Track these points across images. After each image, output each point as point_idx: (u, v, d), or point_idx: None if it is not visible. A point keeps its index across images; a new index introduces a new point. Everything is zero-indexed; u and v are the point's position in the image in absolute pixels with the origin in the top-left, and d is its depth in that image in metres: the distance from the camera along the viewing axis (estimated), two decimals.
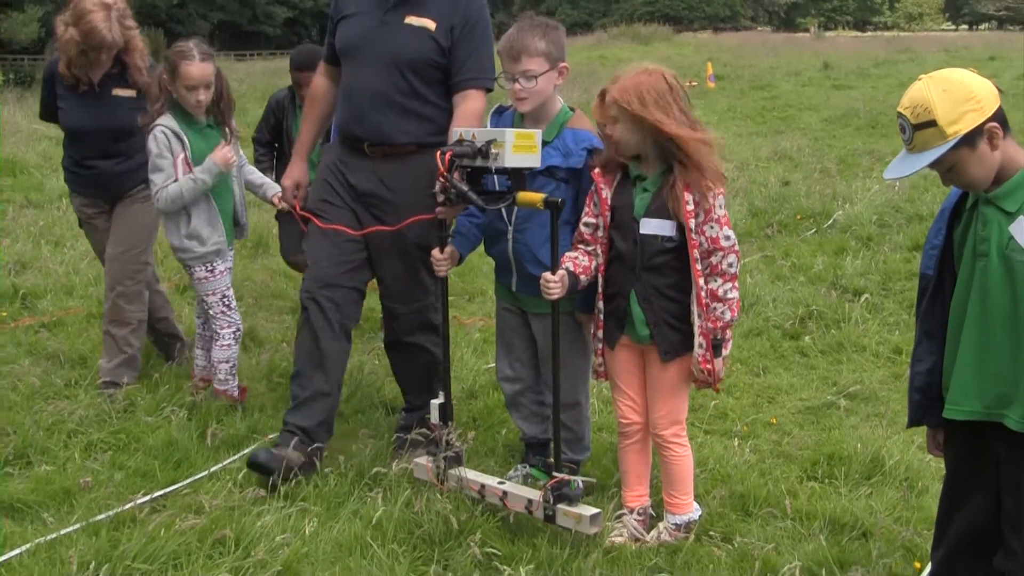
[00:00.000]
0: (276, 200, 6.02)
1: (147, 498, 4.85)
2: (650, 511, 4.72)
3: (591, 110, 4.74)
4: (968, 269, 3.49)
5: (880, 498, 4.89)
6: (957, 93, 3.29)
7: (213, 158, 5.81)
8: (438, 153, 4.49)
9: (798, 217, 11.18)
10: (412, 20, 5.10)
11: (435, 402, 4.92)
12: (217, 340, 6.08)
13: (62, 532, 4.50)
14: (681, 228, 4.31)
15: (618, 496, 4.78)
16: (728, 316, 4.36)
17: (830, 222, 10.90)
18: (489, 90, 5.19)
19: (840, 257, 9.49)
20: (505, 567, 4.14)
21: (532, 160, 4.47)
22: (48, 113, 6.47)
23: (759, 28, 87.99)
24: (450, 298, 5.29)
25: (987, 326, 3.43)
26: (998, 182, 3.39)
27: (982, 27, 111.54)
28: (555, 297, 4.37)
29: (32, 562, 4.26)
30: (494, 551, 4.29)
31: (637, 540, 4.53)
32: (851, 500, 4.86)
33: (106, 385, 6.25)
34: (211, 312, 6.08)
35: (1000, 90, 3.40)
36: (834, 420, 5.99)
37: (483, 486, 4.65)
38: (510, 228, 4.86)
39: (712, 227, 4.28)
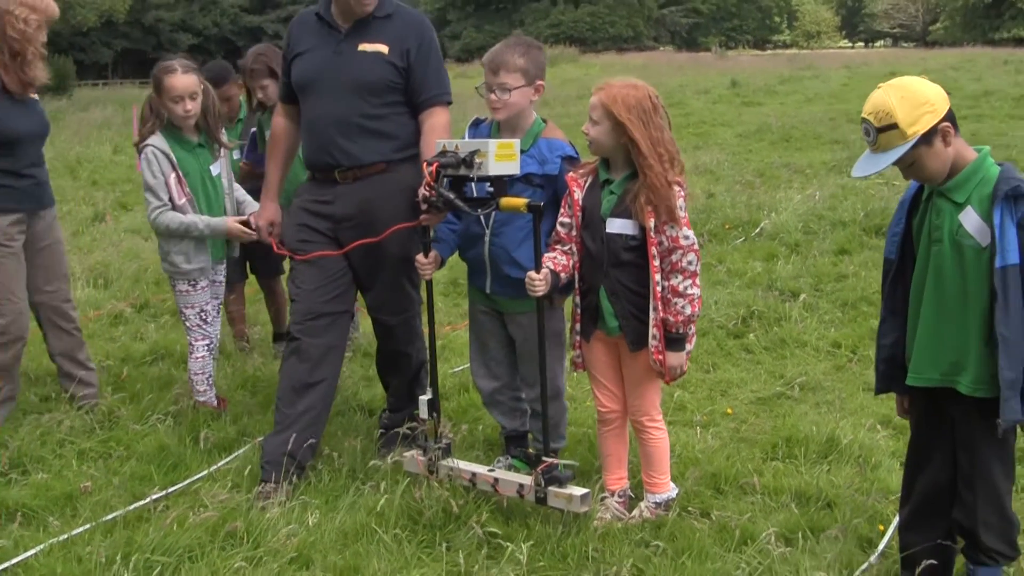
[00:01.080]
0: (252, 219, 6.10)
1: (161, 494, 5.12)
2: (629, 493, 5.06)
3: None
4: (925, 253, 3.95)
5: (839, 473, 5.28)
6: (913, 98, 3.74)
7: (231, 228, 6.03)
8: (424, 164, 4.84)
9: (726, 226, 11.61)
10: (365, 47, 5.33)
11: (423, 398, 5.20)
12: (191, 352, 6.26)
13: (75, 532, 4.73)
14: (643, 228, 4.64)
15: (598, 482, 5.09)
16: (689, 311, 4.67)
17: (758, 230, 11.33)
18: (449, 103, 5.48)
19: (772, 262, 9.93)
20: (508, 544, 4.44)
21: (512, 168, 4.78)
22: None
23: (662, 48, 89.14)
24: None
25: (942, 303, 3.91)
26: (950, 176, 3.84)
27: (878, 44, 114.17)
28: (540, 294, 4.67)
29: (48, 561, 4.46)
30: (494, 531, 4.58)
31: (620, 520, 4.85)
32: (812, 476, 5.24)
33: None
34: (187, 324, 6.24)
35: (948, 93, 3.85)
36: (786, 408, 6.37)
37: (474, 474, 4.94)
38: (487, 231, 5.16)
39: (672, 227, 4.62)
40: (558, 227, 4.93)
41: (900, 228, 4.07)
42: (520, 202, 4.72)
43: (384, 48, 5.32)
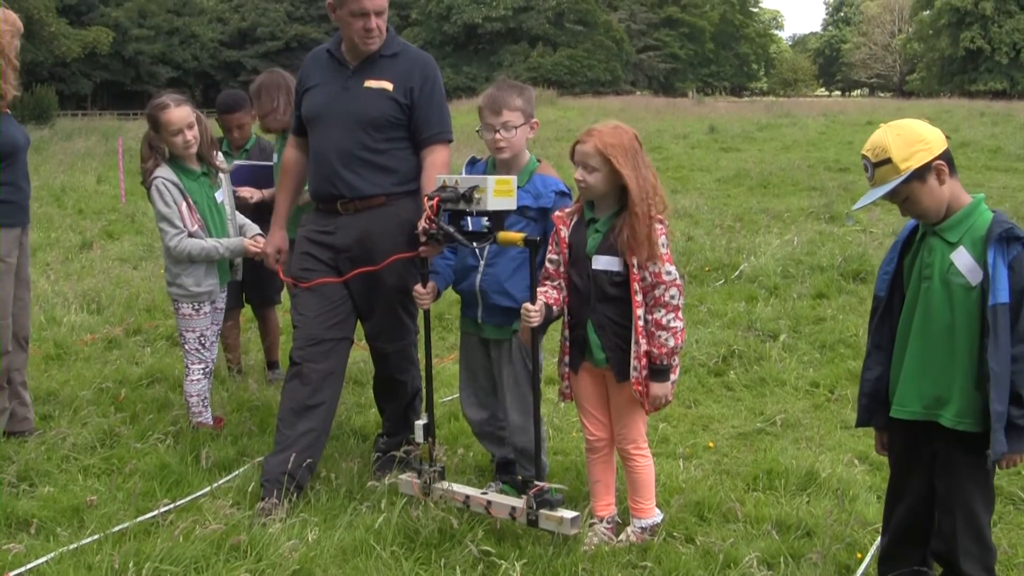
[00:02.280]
0: (256, 240, 6.39)
1: (170, 506, 5.31)
2: (617, 519, 5.26)
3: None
4: (914, 290, 4.18)
5: (818, 505, 5.49)
6: (908, 136, 4.04)
7: (248, 248, 6.32)
8: (425, 198, 5.09)
9: (706, 269, 11.86)
10: (371, 84, 5.56)
11: (419, 422, 5.42)
12: (187, 375, 6.46)
13: (84, 542, 4.91)
14: (627, 264, 4.87)
15: (586, 507, 5.29)
16: (672, 343, 4.89)
17: (737, 273, 11.58)
18: (450, 141, 5.73)
19: (752, 304, 10.18)
20: (502, 562, 4.64)
21: (509, 203, 5.02)
22: None
23: (639, 92, 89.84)
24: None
25: (928, 339, 4.13)
26: (945, 216, 4.09)
27: (855, 93, 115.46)
28: (535, 324, 4.90)
29: (60, 569, 4.65)
30: (488, 549, 4.78)
31: (608, 545, 5.05)
32: (792, 507, 5.46)
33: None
34: (186, 347, 6.44)
35: (948, 136, 4.15)
36: (766, 443, 6.59)
37: (468, 497, 5.15)
38: (481, 263, 5.40)
39: (654, 263, 4.84)
40: (547, 264, 5.14)
41: (892, 267, 4.30)
42: (517, 236, 4.96)
43: (389, 85, 5.55)
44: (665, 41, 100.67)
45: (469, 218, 5.16)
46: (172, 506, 5.35)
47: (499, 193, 4.95)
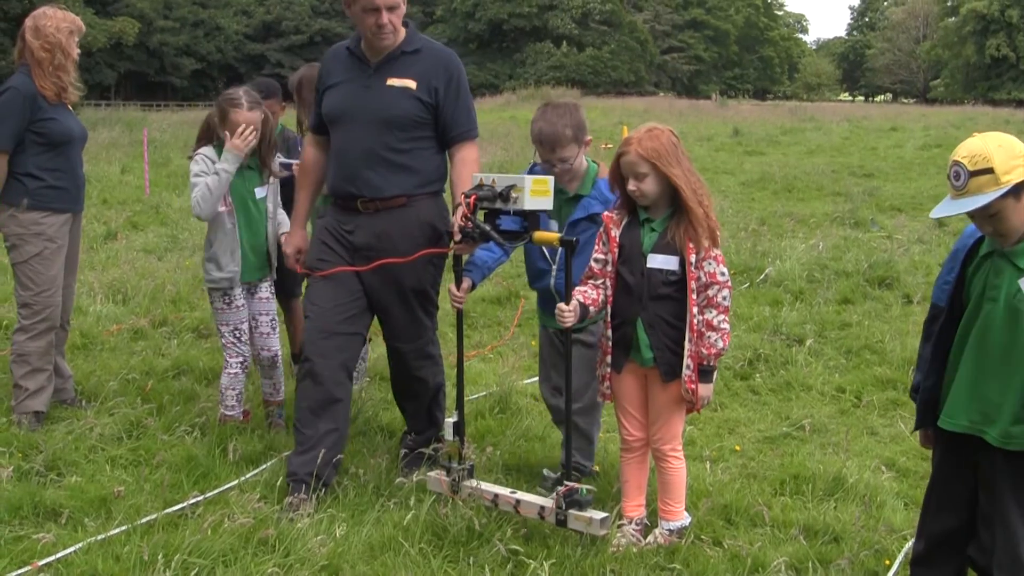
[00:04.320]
0: (283, 239, 6.31)
1: (200, 498, 5.35)
2: (646, 521, 5.25)
3: (608, 173, 5.18)
4: (975, 308, 4.06)
5: (845, 510, 5.46)
6: (1010, 149, 3.84)
7: (227, 146, 6.17)
8: (462, 196, 5.08)
9: (731, 272, 11.79)
10: (394, 82, 5.49)
11: (449, 420, 5.41)
12: (225, 368, 6.46)
13: (112, 532, 4.93)
14: (683, 263, 4.85)
15: (615, 508, 5.28)
16: (720, 344, 4.90)
17: (762, 277, 11.56)
18: (476, 137, 5.71)
19: (777, 308, 10.15)
20: (531, 561, 4.64)
21: (546, 203, 5.03)
22: (15, 142, 6.45)
23: (662, 94, 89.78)
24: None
25: (984, 358, 4.03)
26: (1019, 240, 3.91)
27: (878, 98, 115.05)
28: (569, 325, 4.91)
29: (88, 559, 4.67)
30: (516, 548, 4.78)
31: (635, 546, 5.04)
32: (820, 511, 5.43)
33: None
34: (222, 341, 6.46)
35: None
36: (792, 447, 6.57)
37: (496, 495, 5.14)
38: (553, 266, 5.53)
39: (710, 263, 4.87)
40: (592, 263, 5.12)
41: (952, 276, 4.17)
42: (553, 236, 4.99)
43: (412, 83, 5.49)
44: (689, 43, 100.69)
45: (501, 217, 5.15)
46: (201, 498, 5.37)
47: (536, 193, 4.95)
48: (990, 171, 3.79)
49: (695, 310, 4.87)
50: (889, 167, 24.98)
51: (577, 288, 5.05)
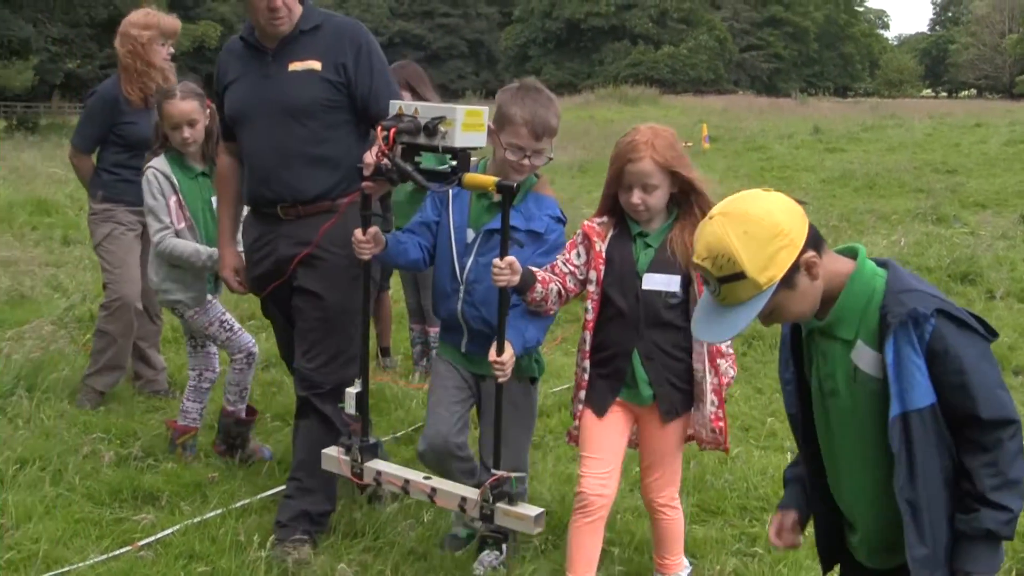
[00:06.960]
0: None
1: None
2: None
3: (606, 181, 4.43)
4: (821, 409, 3.10)
5: None
6: (761, 232, 2.78)
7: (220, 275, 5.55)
8: (379, 127, 4.13)
9: None
10: (296, 66, 4.86)
11: (351, 390, 4.48)
12: (233, 363, 6.09)
13: (208, 515, 5.13)
14: (685, 284, 4.23)
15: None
16: (731, 372, 4.36)
17: None
18: None
19: None
20: None
21: (479, 140, 4.18)
22: (94, 144, 7.02)
23: (741, 92, 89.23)
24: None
25: (854, 463, 3.06)
26: (824, 306, 2.96)
27: (962, 94, 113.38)
28: (503, 283, 4.08)
29: (185, 540, 4.87)
30: None
31: None
32: None
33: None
34: (218, 341, 6.08)
35: (803, 203, 2.98)
36: None
37: (407, 481, 4.32)
38: (461, 287, 4.58)
39: None
40: (560, 264, 4.38)
41: (790, 374, 3.19)
42: (488, 179, 4.08)
43: (316, 64, 4.85)
44: (768, 41, 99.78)
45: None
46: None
47: (468, 127, 4.08)
48: (742, 275, 2.78)
49: None
50: (973, 163, 24.61)
51: (538, 271, 4.30)
